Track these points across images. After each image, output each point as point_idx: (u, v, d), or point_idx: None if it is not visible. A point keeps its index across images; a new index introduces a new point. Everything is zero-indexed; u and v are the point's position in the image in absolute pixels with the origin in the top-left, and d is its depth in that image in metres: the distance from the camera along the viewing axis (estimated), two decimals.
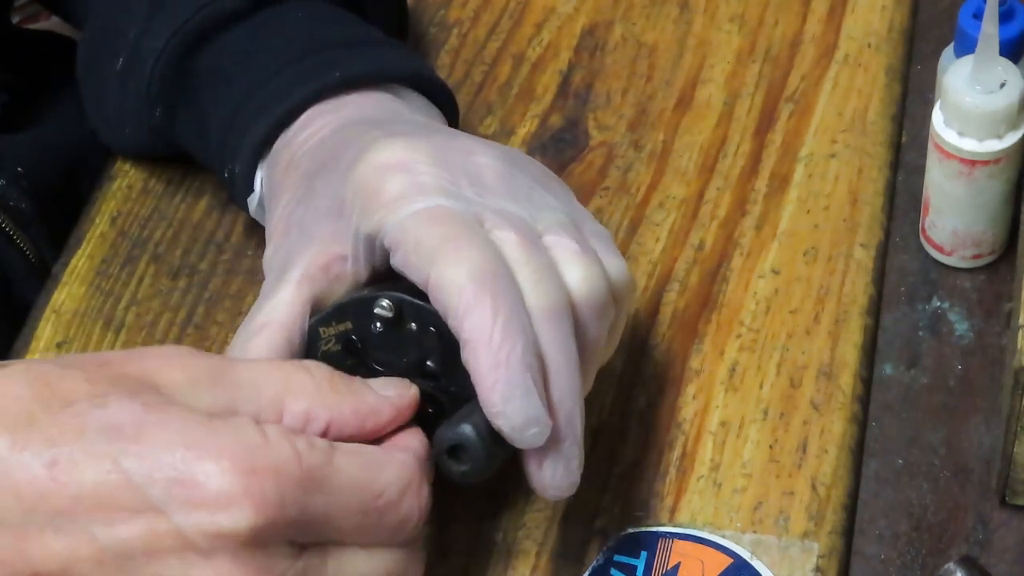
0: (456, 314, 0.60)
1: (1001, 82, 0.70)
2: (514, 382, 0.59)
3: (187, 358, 0.58)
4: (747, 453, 0.71)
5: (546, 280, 0.62)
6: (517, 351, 0.59)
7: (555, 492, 0.62)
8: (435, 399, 0.62)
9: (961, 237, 0.75)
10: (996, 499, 0.69)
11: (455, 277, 0.60)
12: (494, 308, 0.59)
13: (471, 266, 0.60)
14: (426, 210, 0.62)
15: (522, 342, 0.59)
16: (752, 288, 0.77)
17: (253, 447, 0.54)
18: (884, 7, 0.87)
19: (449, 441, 0.60)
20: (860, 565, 0.68)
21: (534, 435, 0.60)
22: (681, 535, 0.68)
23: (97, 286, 0.79)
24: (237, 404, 0.57)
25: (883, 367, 0.74)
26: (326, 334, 0.64)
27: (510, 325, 0.59)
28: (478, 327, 0.59)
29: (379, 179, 0.64)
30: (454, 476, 0.61)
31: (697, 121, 0.83)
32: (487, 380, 0.59)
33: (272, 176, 0.71)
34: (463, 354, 0.60)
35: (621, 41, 0.88)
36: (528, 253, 0.62)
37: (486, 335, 0.59)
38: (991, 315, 0.75)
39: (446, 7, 0.90)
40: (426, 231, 0.61)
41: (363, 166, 0.64)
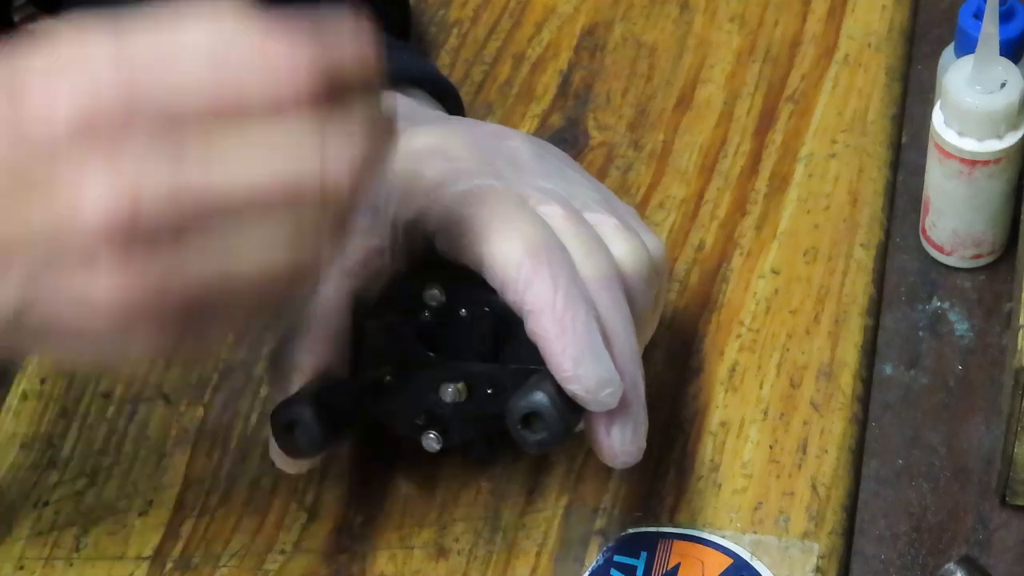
0: (516, 287, 0.61)
1: (1001, 82, 0.70)
2: (583, 345, 0.60)
3: None
4: (747, 453, 0.71)
5: (596, 251, 0.63)
6: (581, 316, 0.60)
7: (624, 458, 0.63)
8: (494, 379, 0.63)
9: (961, 237, 0.75)
10: (996, 499, 0.69)
11: (511, 252, 0.61)
12: (553, 277, 0.60)
13: (525, 239, 0.61)
14: (470, 191, 0.63)
15: (584, 308, 0.60)
16: (752, 288, 0.77)
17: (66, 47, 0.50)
18: (884, 7, 0.87)
19: (523, 410, 0.60)
20: (860, 565, 0.68)
21: (608, 395, 0.61)
22: (681, 535, 0.68)
23: None
24: None
25: (883, 367, 0.74)
26: (372, 327, 0.64)
27: (571, 292, 0.60)
28: (541, 296, 0.60)
29: (416, 166, 0.64)
30: (530, 446, 0.61)
31: (697, 121, 0.83)
32: (556, 346, 0.60)
33: None
34: (528, 325, 0.61)
35: (621, 41, 0.88)
36: (575, 226, 0.63)
37: (549, 303, 0.60)
38: (991, 315, 0.75)
39: (446, 7, 0.90)
40: (473, 211, 0.62)
41: (398, 154, 0.65)
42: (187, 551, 0.69)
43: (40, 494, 0.72)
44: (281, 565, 0.69)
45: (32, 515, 0.71)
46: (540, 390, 0.60)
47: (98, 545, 0.70)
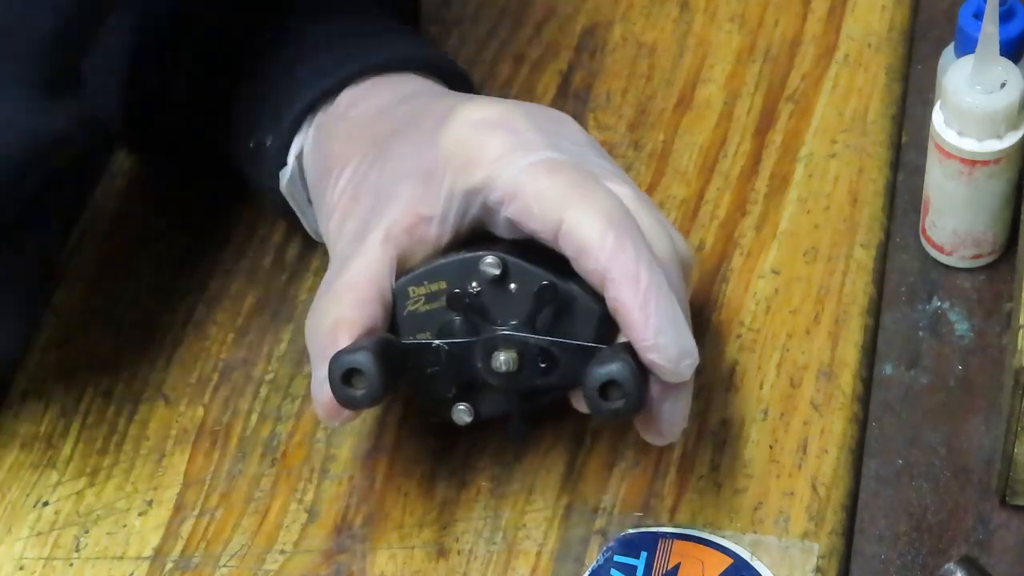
0: (600, 256, 0.61)
1: (1001, 82, 0.70)
2: (666, 316, 0.61)
3: None
4: (747, 453, 0.71)
5: (662, 233, 0.65)
6: (664, 289, 0.61)
7: (668, 435, 0.64)
8: (548, 353, 0.63)
9: (961, 237, 0.75)
10: (996, 499, 0.69)
11: (594, 221, 0.62)
12: (636, 250, 0.61)
13: (606, 211, 0.62)
14: (542, 162, 0.64)
15: (664, 282, 0.62)
16: (752, 288, 0.77)
17: None
18: (884, 7, 0.87)
19: (602, 378, 0.60)
20: (860, 565, 0.68)
21: (687, 367, 0.62)
22: (681, 535, 0.68)
23: (97, 286, 0.79)
24: None
25: (883, 367, 0.74)
26: (415, 294, 0.64)
27: (652, 266, 0.62)
28: (626, 266, 0.61)
29: (480, 136, 0.65)
30: (606, 414, 0.61)
31: (697, 121, 0.83)
32: (639, 316, 0.61)
33: (325, 148, 0.70)
34: (610, 293, 0.61)
35: (621, 41, 0.88)
36: (645, 207, 0.65)
37: (633, 273, 0.61)
38: (991, 315, 0.75)
39: (446, 7, 0.90)
40: (549, 181, 0.63)
41: (459, 124, 0.65)
42: (187, 551, 0.69)
43: (40, 494, 0.72)
44: (281, 565, 0.69)
45: (32, 515, 0.71)
46: (619, 360, 0.61)
47: (98, 545, 0.70)
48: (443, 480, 0.71)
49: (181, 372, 0.76)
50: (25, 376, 0.76)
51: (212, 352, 0.76)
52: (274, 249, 0.80)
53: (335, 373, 0.61)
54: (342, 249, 0.66)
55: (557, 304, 0.63)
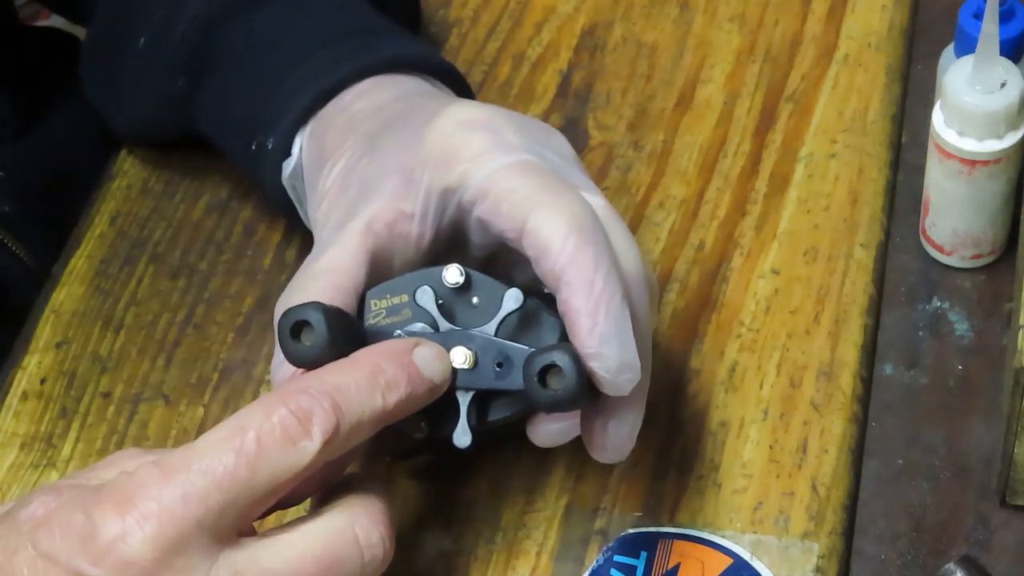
0: (558, 258, 0.61)
1: (1001, 82, 0.70)
2: (613, 326, 0.61)
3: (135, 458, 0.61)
4: (747, 453, 0.71)
5: (631, 249, 0.64)
6: (616, 299, 0.61)
7: (612, 454, 0.64)
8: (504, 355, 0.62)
9: (961, 237, 0.75)
10: (996, 499, 0.69)
11: (559, 223, 0.61)
12: (596, 257, 0.61)
13: (573, 215, 0.62)
14: (518, 163, 0.64)
15: (620, 293, 0.61)
16: (752, 288, 0.77)
17: (121, 483, 0.57)
18: (884, 7, 0.87)
19: (542, 363, 0.60)
20: (860, 565, 0.68)
21: (626, 380, 0.61)
22: (681, 535, 0.68)
23: (96, 286, 0.79)
24: None
25: (883, 367, 0.74)
26: (377, 307, 0.64)
27: (610, 276, 0.61)
28: (582, 273, 0.61)
29: (462, 135, 0.65)
30: (544, 401, 0.61)
31: (697, 121, 0.83)
32: (586, 322, 0.61)
33: (323, 138, 0.71)
34: (561, 296, 0.61)
35: (621, 41, 0.88)
36: (616, 220, 0.65)
37: (588, 280, 0.61)
38: (991, 315, 0.75)
39: (446, 7, 0.90)
40: (521, 181, 0.63)
41: (444, 121, 0.65)
42: None
43: None
44: None
45: None
46: (561, 348, 0.61)
47: None
48: (443, 480, 0.71)
49: (181, 372, 0.76)
50: (25, 376, 0.76)
51: (212, 352, 0.76)
52: (274, 249, 0.80)
53: (284, 327, 0.61)
54: (324, 236, 0.67)
55: (520, 313, 0.63)
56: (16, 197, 0.86)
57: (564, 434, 0.64)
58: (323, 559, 0.58)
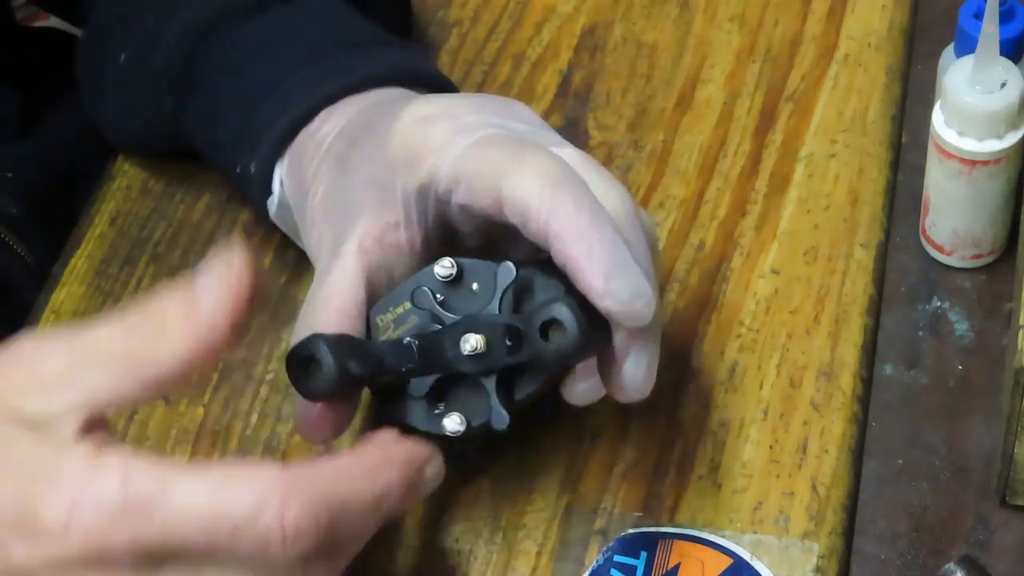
0: (539, 216, 0.60)
1: (1001, 82, 0.70)
2: (613, 260, 0.60)
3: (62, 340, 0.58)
4: (747, 453, 0.71)
5: (614, 189, 0.63)
6: (608, 233, 0.60)
7: (634, 392, 0.63)
8: (513, 329, 0.62)
9: (961, 237, 0.75)
10: (996, 499, 0.69)
11: (531, 182, 0.60)
12: (577, 201, 0.60)
13: (544, 172, 0.61)
14: (481, 139, 0.63)
15: (610, 227, 0.60)
16: (752, 288, 0.77)
17: (81, 478, 0.53)
18: (884, 7, 0.87)
19: (543, 318, 0.60)
20: (860, 565, 0.68)
21: (644, 306, 0.60)
22: (681, 535, 0.68)
23: (96, 286, 0.79)
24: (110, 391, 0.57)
25: (883, 367, 0.74)
26: (384, 322, 0.64)
27: (596, 214, 0.60)
28: (566, 219, 0.60)
29: (421, 131, 0.64)
30: (549, 356, 0.60)
31: (697, 121, 0.83)
32: (585, 264, 0.60)
33: (299, 168, 0.70)
34: (555, 250, 0.60)
35: (621, 41, 0.88)
36: (593, 165, 0.63)
37: (575, 224, 0.60)
38: (991, 315, 0.75)
39: (446, 7, 0.90)
40: (486, 155, 0.62)
41: (401, 123, 0.65)
42: None
43: None
44: None
45: None
46: (561, 301, 0.60)
47: None
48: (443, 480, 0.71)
49: None
50: None
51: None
52: (274, 249, 0.80)
53: (292, 362, 0.61)
54: (321, 266, 0.66)
55: (517, 284, 0.62)
56: (21, 198, 0.86)
57: (596, 390, 0.63)
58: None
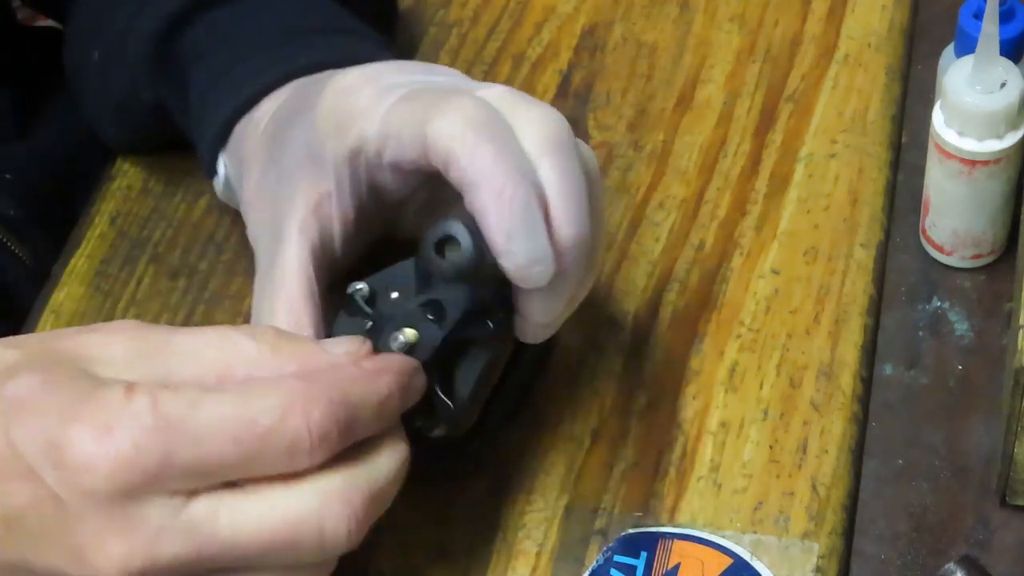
0: (460, 162, 0.60)
1: (1001, 82, 0.70)
2: (518, 220, 0.60)
3: (133, 331, 0.59)
4: (747, 453, 0.71)
5: (545, 117, 0.63)
6: (520, 192, 0.60)
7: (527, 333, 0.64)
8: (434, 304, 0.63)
9: (961, 237, 0.75)
10: (996, 499, 0.69)
11: (451, 127, 0.61)
12: (495, 151, 0.60)
13: (465, 114, 0.61)
14: (404, 95, 0.63)
15: (525, 183, 0.60)
16: (752, 288, 0.77)
17: (111, 406, 0.55)
18: (884, 7, 0.87)
19: (437, 235, 0.61)
20: (860, 565, 0.68)
21: (537, 273, 0.61)
22: (681, 535, 0.68)
23: (96, 286, 0.79)
24: (172, 374, 0.57)
25: (883, 367, 0.74)
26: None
27: (511, 166, 0.60)
28: (481, 170, 0.60)
29: (347, 100, 0.65)
30: (447, 270, 0.61)
31: (697, 121, 0.83)
32: (491, 220, 0.60)
33: (240, 151, 0.71)
34: (467, 198, 0.61)
35: (621, 41, 0.88)
36: (519, 97, 0.63)
37: (488, 176, 0.60)
38: (991, 315, 0.75)
39: (446, 7, 0.90)
40: (410, 107, 0.62)
41: (328, 94, 0.66)
42: None
43: None
44: None
45: None
46: (453, 216, 0.61)
47: None
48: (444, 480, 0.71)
49: None
50: None
51: None
52: None
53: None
54: (264, 248, 0.67)
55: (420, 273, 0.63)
56: (20, 199, 0.86)
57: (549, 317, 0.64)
58: (279, 537, 0.56)
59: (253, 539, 0.56)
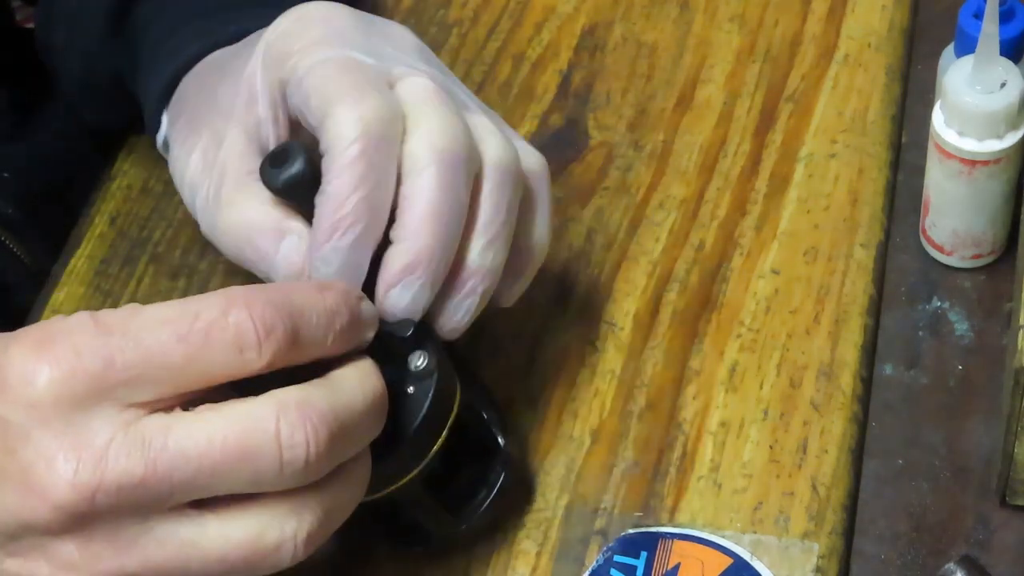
0: (334, 163, 0.61)
1: (1001, 82, 0.70)
2: (336, 255, 0.61)
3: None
4: (747, 453, 0.71)
5: (449, 127, 0.63)
6: (356, 231, 0.61)
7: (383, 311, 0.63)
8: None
9: (961, 237, 0.75)
10: (996, 499, 0.69)
11: (350, 127, 0.61)
12: (362, 178, 0.61)
13: (366, 119, 0.62)
14: (338, 59, 0.64)
15: (364, 224, 0.61)
16: (752, 288, 0.77)
17: (51, 324, 0.54)
18: (884, 7, 0.87)
19: (275, 148, 0.63)
20: (860, 565, 0.68)
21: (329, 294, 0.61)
22: (681, 535, 0.68)
23: (96, 286, 0.79)
24: None
25: (883, 367, 0.74)
26: None
27: (364, 203, 0.61)
28: (339, 188, 0.61)
29: (297, 28, 0.66)
30: (283, 185, 0.63)
31: (697, 121, 0.83)
32: (319, 237, 0.61)
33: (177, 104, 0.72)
34: (318, 199, 0.62)
35: (621, 41, 0.88)
36: (437, 97, 0.64)
37: (340, 199, 0.61)
38: (991, 315, 0.75)
39: (446, 7, 0.90)
40: (334, 76, 0.63)
41: (282, 19, 0.66)
42: None
43: None
44: None
45: None
46: (294, 143, 0.63)
47: None
48: None
49: None
50: None
51: None
52: None
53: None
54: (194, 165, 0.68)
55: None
56: (18, 199, 0.86)
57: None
58: (232, 448, 0.54)
59: (206, 451, 0.54)
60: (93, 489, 0.53)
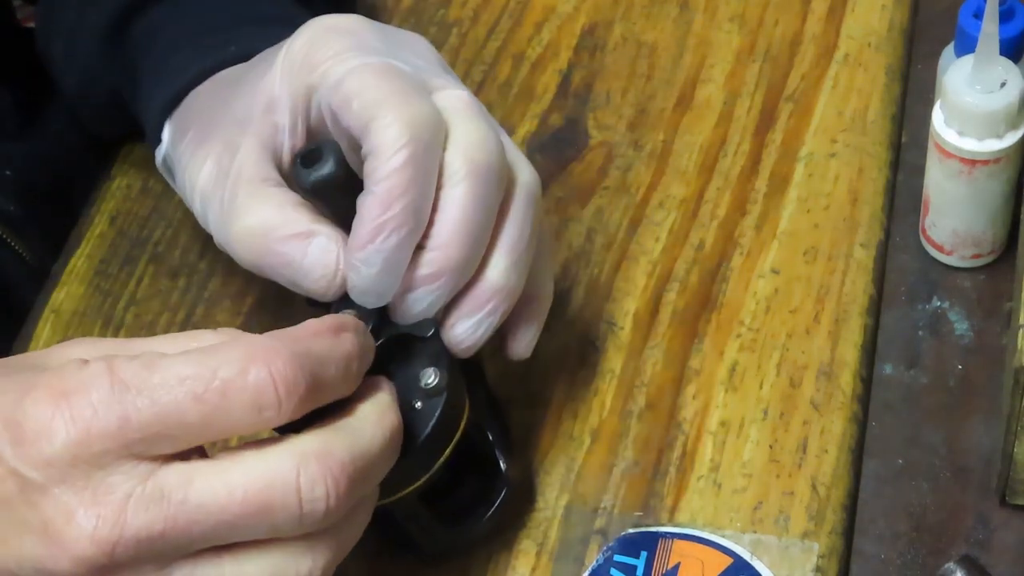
0: (380, 168, 0.61)
1: (1001, 82, 0.70)
2: (379, 256, 0.61)
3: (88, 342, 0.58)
4: (747, 453, 0.71)
5: (487, 141, 0.63)
6: (400, 234, 0.61)
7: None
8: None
9: (961, 237, 0.75)
10: (996, 499, 0.69)
11: (398, 132, 0.61)
12: (409, 182, 0.61)
13: (414, 125, 0.62)
14: (377, 64, 0.64)
15: (409, 228, 0.61)
16: (752, 288, 0.77)
17: (66, 376, 0.54)
18: (884, 7, 0.87)
19: (307, 148, 0.63)
20: (860, 565, 0.68)
21: (367, 301, 0.62)
22: (681, 535, 0.68)
23: (96, 286, 0.79)
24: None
25: (883, 367, 0.74)
26: None
27: (411, 207, 0.61)
28: (387, 191, 0.61)
29: (325, 38, 0.65)
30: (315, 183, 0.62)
31: (697, 121, 0.83)
32: (362, 235, 0.61)
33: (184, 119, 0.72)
34: (360, 198, 0.62)
35: (621, 41, 0.88)
36: (475, 110, 0.64)
37: (386, 201, 0.61)
38: (991, 315, 0.75)
39: (446, 7, 0.90)
40: (375, 81, 0.63)
41: (307, 29, 0.66)
42: None
43: None
44: None
45: None
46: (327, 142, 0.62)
47: None
48: None
49: None
50: None
51: None
52: None
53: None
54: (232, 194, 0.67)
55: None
56: (20, 196, 0.86)
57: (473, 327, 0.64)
58: (252, 502, 0.54)
59: (226, 505, 0.54)
60: (113, 543, 0.53)
